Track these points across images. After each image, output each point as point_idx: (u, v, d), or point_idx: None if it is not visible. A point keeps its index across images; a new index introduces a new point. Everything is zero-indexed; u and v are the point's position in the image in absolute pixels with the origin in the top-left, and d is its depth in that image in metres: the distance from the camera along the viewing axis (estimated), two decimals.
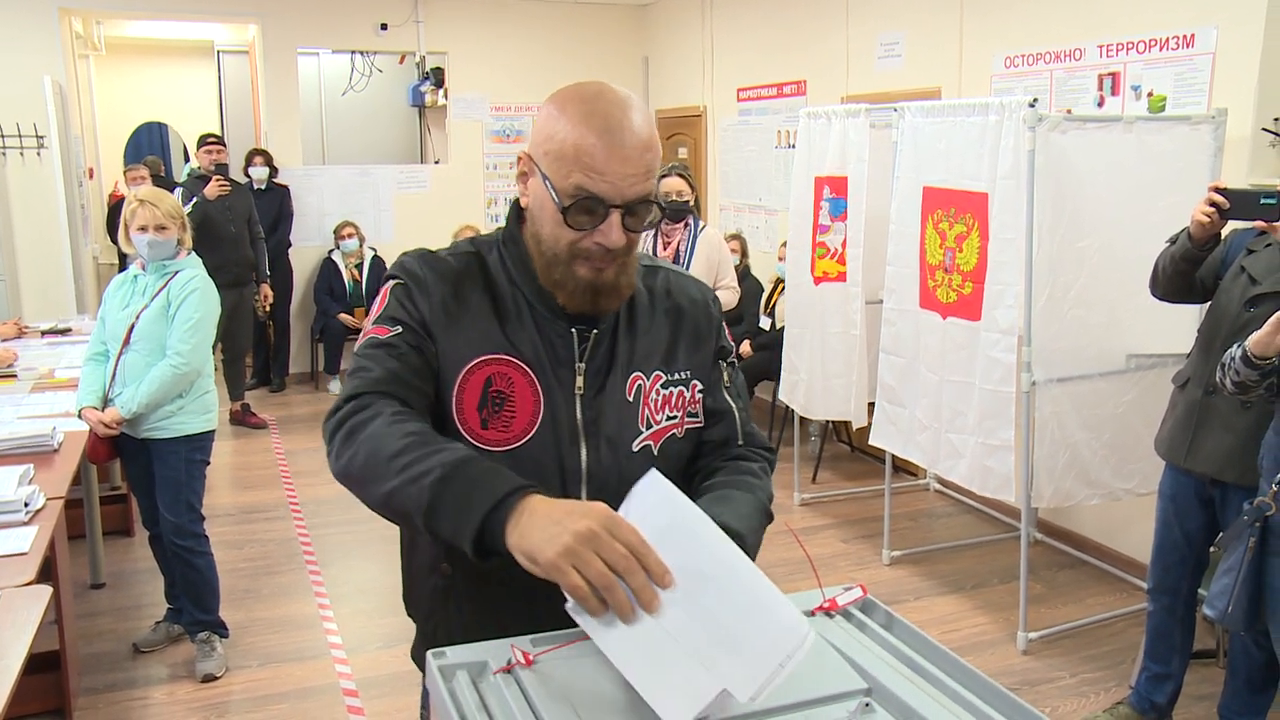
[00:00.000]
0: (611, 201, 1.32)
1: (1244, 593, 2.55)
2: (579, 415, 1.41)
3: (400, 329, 1.38)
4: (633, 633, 1.08)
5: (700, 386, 1.50)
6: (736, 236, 6.24)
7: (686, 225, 4.57)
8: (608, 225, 1.33)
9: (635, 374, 1.45)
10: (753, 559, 1.24)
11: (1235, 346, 2.52)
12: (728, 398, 1.54)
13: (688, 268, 4.42)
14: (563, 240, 1.35)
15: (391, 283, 1.44)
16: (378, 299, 1.45)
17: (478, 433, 1.39)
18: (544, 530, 1.09)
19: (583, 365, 1.42)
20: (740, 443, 1.52)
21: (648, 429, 1.45)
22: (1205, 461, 2.86)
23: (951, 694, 1.18)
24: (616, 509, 1.40)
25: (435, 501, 1.18)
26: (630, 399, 1.44)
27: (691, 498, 1.41)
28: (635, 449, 1.44)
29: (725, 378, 1.54)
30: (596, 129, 1.30)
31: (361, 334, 1.43)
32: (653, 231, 4.64)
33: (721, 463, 1.50)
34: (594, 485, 1.42)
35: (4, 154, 6.69)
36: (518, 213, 1.45)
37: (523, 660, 1.19)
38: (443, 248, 1.49)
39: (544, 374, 1.40)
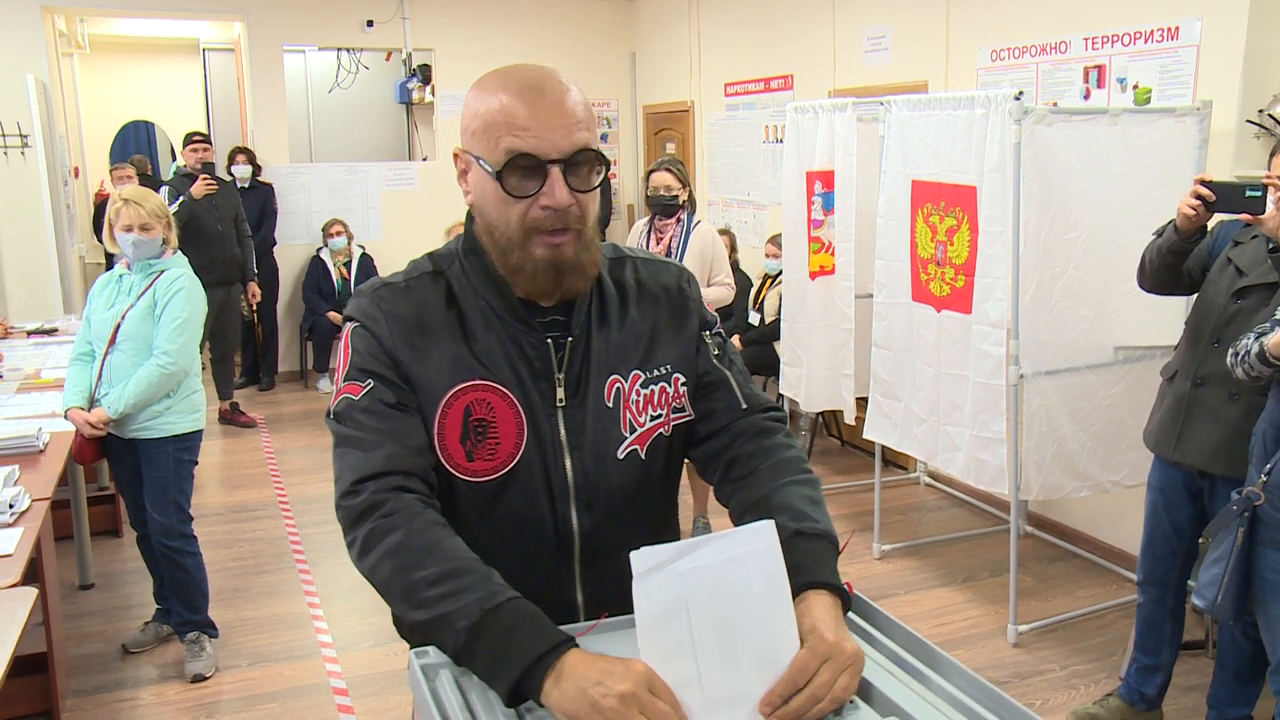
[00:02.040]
0: (547, 156, 1.25)
1: (1233, 583, 2.55)
2: (561, 428, 1.37)
3: (372, 383, 1.33)
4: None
5: (683, 380, 1.45)
6: (725, 231, 6.22)
7: (679, 220, 4.55)
8: (550, 184, 1.26)
9: (612, 377, 1.40)
10: (837, 548, 1.31)
11: (1252, 339, 2.51)
12: (720, 366, 1.49)
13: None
14: (512, 218, 1.29)
15: (350, 325, 1.38)
16: (341, 346, 1.40)
17: (464, 466, 1.35)
18: (585, 695, 1.07)
19: (561, 375, 1.37)
20: (744, 406, 1.47)
21: (632, 433, 1.41)
22: (1194, 454, 2.87)
23: (936, 689, 1.17)
24: (605, 519, 1.40)
25: (468, 647, 1.16)
26: (610, 404, 1.40)
27: (726, 484, 1.44)
28: (621, 456, 1.40)
29: (713, 347, 1.49)
30: (514, 89, 1.26)
31: (335, 390, 1.37)
32: (647, 230, 4.62)
33: (749, 443, 1.45)
34: (582, 499, 1.39)
35: None
36: (472, 218, 1.40)
37: None
38: (398, 272, 1.43)
39: (523, 392, 1.35)
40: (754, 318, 5.98)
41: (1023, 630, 3.77)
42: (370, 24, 7.87)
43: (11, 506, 2.86)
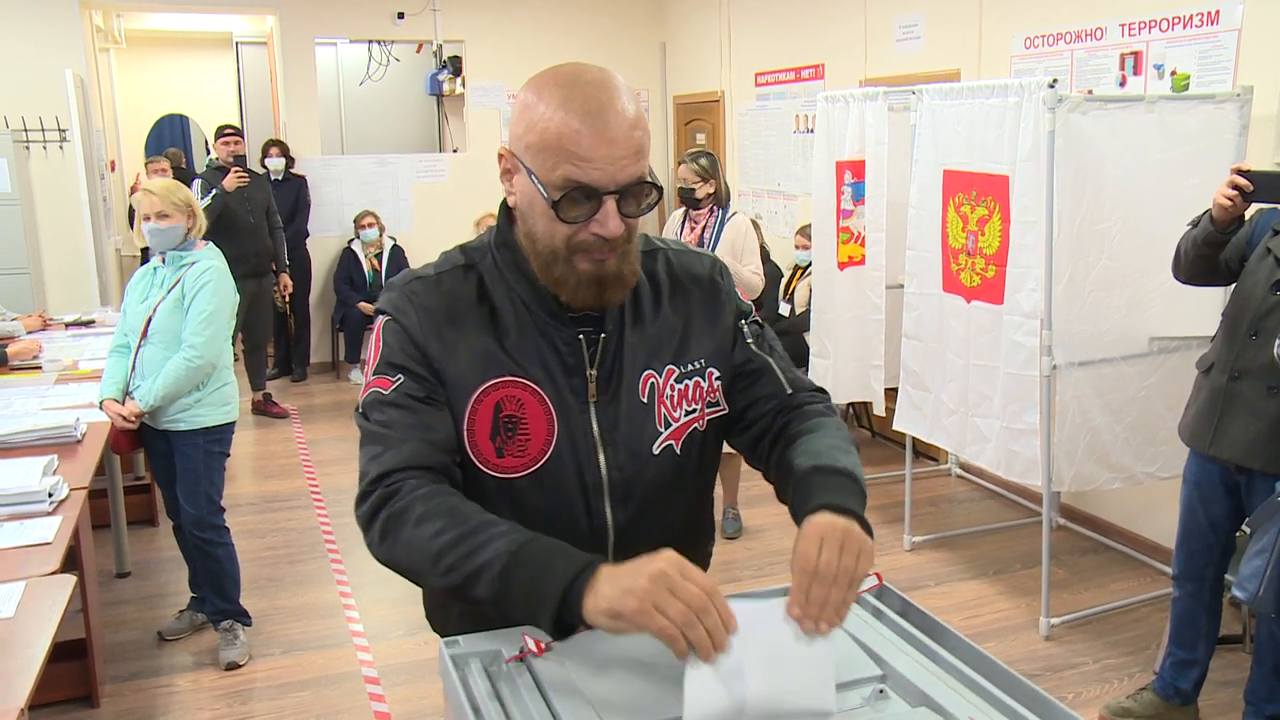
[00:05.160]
0: (604, 189, 1.24)
1: (1275, 575, 2.52)
2: (595, 424, 1.37)
3: (402, 377, 1.33)
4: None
5: (717, 374, 1.44)
6: (753, 222, 6.20)
7: (713, 211, 4.53)
8: (603, 214, 1.25)
9: (647, 372, 1.39)
10: (864, 491, 1.30)
11: None
12: (760, 353, 1.48)
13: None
14: (558, 236, 1.28)
15: (382, 319, 1.38)
16: (372, 338, 1.40)
17: (493, 462, 1.35)
18: (618, 585, 1.09)
19: (594, 371, 1.37)
20: (789, 391, 1.46)
21: (667, 428, 1.40)
22: (1230, 448, 2.82)
23: (966, 680, 1.17)
24: (640, 513, 1.41)
25: (504, 593, 1.17)
26: (645, 399, 1.39)
27: (767, 460, 1.43)
28: (656, 451, 1.40)
29: (750, 335, 1.48)
30: (578, 113, 1.22)
31: (365, 383, 1.37)
32: (682, 220, 4.62)
33: (789, 415, 1.44)
34: (616, 495, 1.38)
35: (27, 148, 6.74)
36: (508, 213, 1.38)
37: (535, 649, 1.19)
38: (430, 264, 1.42)
39: (554, 388, 1.35)
40: (784, 309, 5.96)
41: (1055, 623, 3.74)
42: (401, 16, 7.90)
43: (51, 495, 2.90)
